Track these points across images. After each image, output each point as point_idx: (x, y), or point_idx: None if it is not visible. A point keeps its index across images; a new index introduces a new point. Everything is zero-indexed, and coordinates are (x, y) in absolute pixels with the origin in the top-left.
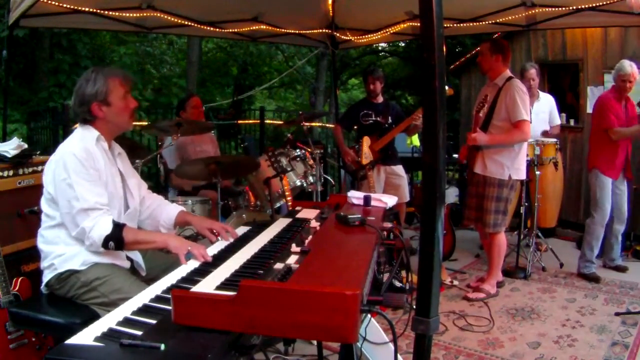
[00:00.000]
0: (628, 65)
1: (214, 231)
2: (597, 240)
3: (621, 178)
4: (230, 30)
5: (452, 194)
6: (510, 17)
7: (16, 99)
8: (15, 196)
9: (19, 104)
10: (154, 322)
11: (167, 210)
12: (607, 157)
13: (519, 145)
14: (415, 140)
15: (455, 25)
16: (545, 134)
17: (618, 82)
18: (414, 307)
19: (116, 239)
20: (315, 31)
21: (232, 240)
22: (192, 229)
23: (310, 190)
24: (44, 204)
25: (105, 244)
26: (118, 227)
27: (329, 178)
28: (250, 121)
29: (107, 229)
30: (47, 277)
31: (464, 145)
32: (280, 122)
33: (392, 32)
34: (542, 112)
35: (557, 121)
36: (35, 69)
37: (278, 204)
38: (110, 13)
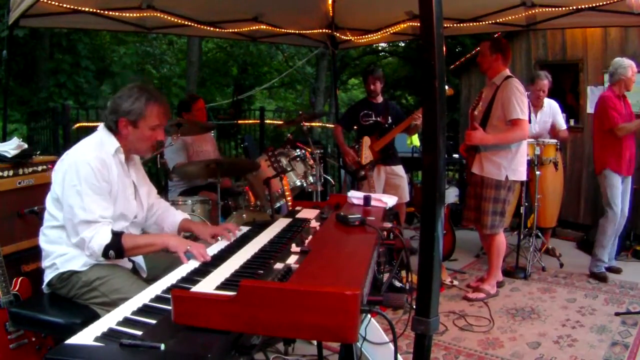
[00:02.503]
0: (628, 60)
1: (217, 236)
2: (609, 239)
3: (626, 177)
4: (230, 30)
5: (452, 194)
6: (510, 17)
7: (16, 99)
8: (15, 196)
9: (19, 104)
10: (154, 322)
11: (172, 216)
12: (615, 155)
13: (516, 146)
14: (415, 140)
15: (455, 25)
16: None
17: (629, 75)
18: (414, 307)
19: (116, 248)
20: (315, 31)
21: (232, 240)
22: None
23: (310, 190)
24: (49, 203)
25: (105, 253)
26: (117, 235)
27: (329, 178)
28: (250, 121)
29: (107, 238)
30: (48, 276)
31: (464, 142)
32: (280, 122)
33: (392, 32)
34: (544, 122)
35: (563, 126)
36: (35, 69)
37: (278, 204)
38: (110, 13)
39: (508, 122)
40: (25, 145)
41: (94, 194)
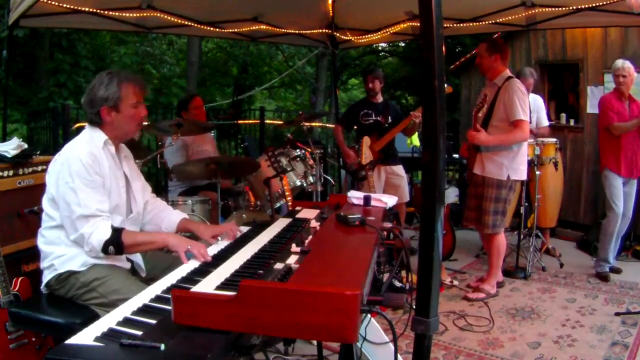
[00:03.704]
0: (620, 62)
1: (217, 236)
2: (611, 238)
3: (632, 178)
4: (230, 30)
5: (452, 194)
6: (510, 17)
7: (16, 99)
8: (15, 196)
9: (19, 104)
10: (154, 322)
11: (170, 216)
12: (614, 155)
13: (518, 146)
14: (415, 140)
15: (455, 25)
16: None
17: (614, 79)
18: (414, 307)
19: (115, 244)
20: (315, 31)
21: (232, 240)
22: None
23: (310, 190)
24: (45, 204)
25: (104, 248)
26: (117, 231)
27: (329, 178)
28: (250, 121)
29: (106, 234)
30: (46, 277)
31: (465, 142)
32: (280, 122)
33: (392, 32)
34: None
35: (545, 123)
36: (35, 69)
37: (278, 204)
38: (110, 13)
39: (511, 123)
40: (25, 145)
41: (87, 188)
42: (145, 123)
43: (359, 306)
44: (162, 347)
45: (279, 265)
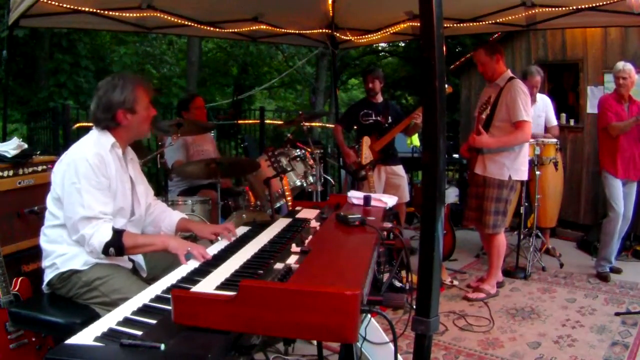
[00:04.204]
0: (621, 64)
1: (217, 234)
2: (610, 238)
3: (631, 179)
4: (230, 30)
5: (452, 194)
6: (510, 17)
7: (16, 99)
8: (15, 196)
9: (19, 104)
10: (154, 322)
11: (169, 216)
12: (610, 156)
13: (519, 146)
14: (415, 140)
15: (455, 25)
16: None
17: (615, 80)
18: (414, 307)
19: (116, 246)
20: (315, 31)
21: (232, 240)
22: None
23: (310, 190)
24: (49, 202)
25: (105, 250)
26: (118, 233)
27: (329, 178)
28: (250, 121)
29: (107, 236)
30: (48, 276)
31: (465, 143)
32: (280, 122)
33: (392, 32)
34: (538, 117)
35: (554, 122)
36: (35, 69)
37: (278, 204)
38: (110, 13)
39: (513, 123)
40: (25, 145)
41: (93, 189)
42: None
43: (359, 306)
44: (162, 347)
45: (279, 265)
